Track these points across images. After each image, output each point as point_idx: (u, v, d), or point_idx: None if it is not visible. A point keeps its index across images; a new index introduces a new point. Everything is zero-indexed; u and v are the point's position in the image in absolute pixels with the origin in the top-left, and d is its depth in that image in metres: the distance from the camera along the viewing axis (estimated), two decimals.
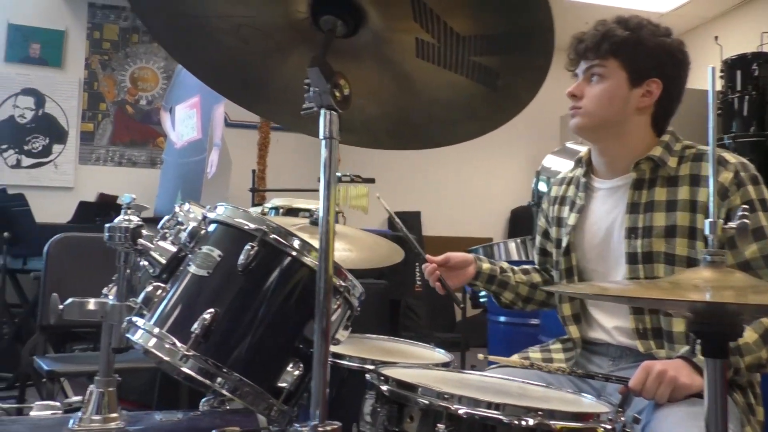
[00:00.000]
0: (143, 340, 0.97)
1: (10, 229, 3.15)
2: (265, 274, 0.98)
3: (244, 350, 0.95)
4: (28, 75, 5.24)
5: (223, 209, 1.07)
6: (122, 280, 1.14)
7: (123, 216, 1.15)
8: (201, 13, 0.76)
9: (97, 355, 2.44)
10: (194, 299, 0.98)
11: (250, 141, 5.46)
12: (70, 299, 1.15)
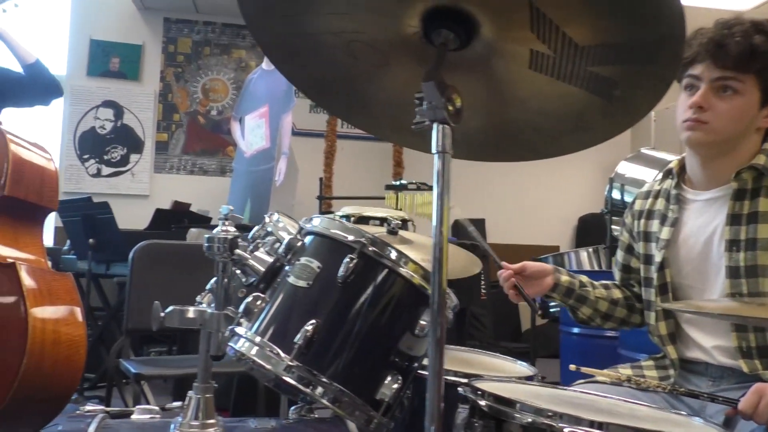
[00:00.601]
0: (245, 348, 1.00)
1: (95, 235, 3.30)
2: (364, 285, 0.98)
3: (345, 362, 0.96)
4: (108, 88, 5.51)
5: (319, 221, 1.09)
6: (220, 289, 1.17)
7: (221, 227, 1.18)
8: (314, 31, 0.78)
9: (178, 359, 2.54)
10: (295, 310, 0.99)
11: (316, 149, 5.55)
12: (171, 307, 1.19)
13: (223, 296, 1.16)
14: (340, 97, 0.93)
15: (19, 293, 1.86)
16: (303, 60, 0.85)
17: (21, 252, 2.03)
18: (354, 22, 0.75)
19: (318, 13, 0.75)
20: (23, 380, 1.80)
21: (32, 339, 1.82)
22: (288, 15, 0.75)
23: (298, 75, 0.90)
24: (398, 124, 0.87)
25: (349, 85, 0.89)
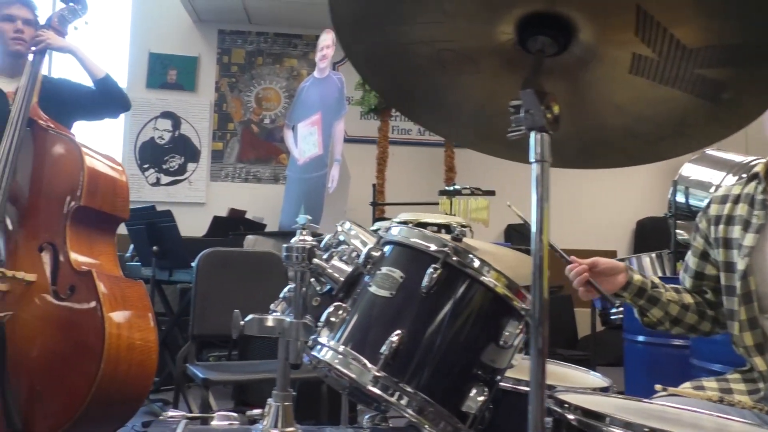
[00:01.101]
0: (329, 357, 1.00)
1: (159, 243, 3.39)
2: (448, 295, 0.97)
3: (430, 373, 0.95)
4: (166, 99, 5.68)
5: (398, 230, 1.08)
6: (298, 298, 1.18)
7: (298, 236, 1.19)
8: (404, 40, 0.77)
9: (242, 365, 2.58)
10: (379, 320, 0.99)
11: (367, 155, 5.57)
12: (251, 316, 1.21)
13: (302, 305, 1.17)
14: (425, 106, 0.92)
15: (96, 300, 1.92)
16: (390, 70, 0.85)
17: (96, 260, 2.11)
18: (446, 31, 0.74)
19: (411, 22, 0.74)
20: (101, 384, 1.86)
21: (109, 344, 1.88)
22: (379, 25, 0.75)
23: (384, 85, 0.90)
24: (483, 132, 0.86)
25: (435, 94, 0.88)
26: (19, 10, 2.34)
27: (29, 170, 2.16)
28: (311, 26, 5.84)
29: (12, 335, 1.95)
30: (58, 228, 2.06)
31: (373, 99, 4.83)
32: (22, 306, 2.00)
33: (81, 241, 2.09)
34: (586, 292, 1.43)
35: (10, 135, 2.13)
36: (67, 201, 2.07)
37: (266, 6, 5.57)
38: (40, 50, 2.29)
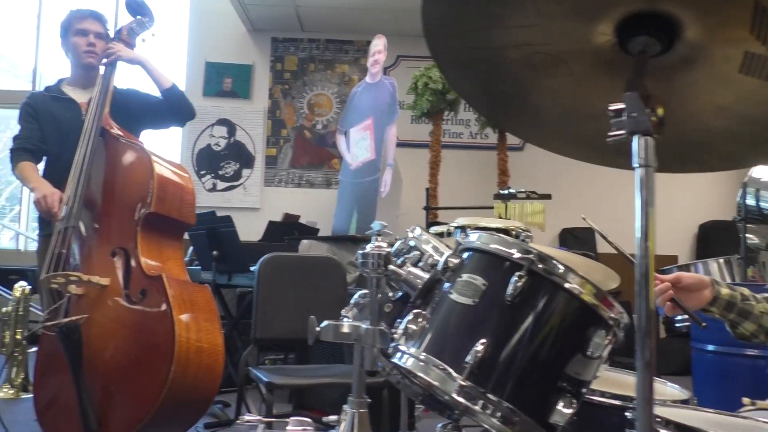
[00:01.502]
0: (410, 365, 0.99)
1: (218, 247, 3.46)
2: (533, 304, 0.95)
3: (516, 384, 0.92)
4: (221, 107, 5.81)
5: (477, 236, 1.06)
6: (374, 304, 1.17)
7: (374, 243, 1.19)
8: (496, 45, 0.76)
9: (304, 369, 2.61)
10: (462, 328, 0.98)
11: (419, 159, 5.56)
12: (326, 322, 1.21)
13: (378, 312, 1.16)
14: (511, 111, 0.90)
15: (166, 304, 1.97)
16: (478, 74, 0.84)
17: (165, 265, 2.16)
18: (541, 34, 0.73)
19: (504, 26, 0.73)
20: (171, 387, 1.90)
21: (179, 347, 1.92)
22: (471, 30, 0.74)
23: (470, 89, 0.88)
24: (571, 136, 0.83)
25: (522, 98, 0.86)
26: (91, 24, 2.43)
27: (101, 178, 2.23)
28: (362, 32, 5.88)
29: (87, 337, 2.02)
30: (130, 233, 2.12)
31: (425, 103, 4.82)
32: (96, 309, 2.06)
33: (151, 247, 2.14)
34: (673, 309, 1.37)
35: (85, 144, 2.21)
36: (138, 207, 2.13)
37: (318, 13, 5.64)
38: (111, 62, 2.37)
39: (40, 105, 2.41)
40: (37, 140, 2.34)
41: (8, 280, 5.28)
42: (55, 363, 2.10)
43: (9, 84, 6.64)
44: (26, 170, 2.26)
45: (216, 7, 5.85)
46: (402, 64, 6.01)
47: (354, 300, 1.42)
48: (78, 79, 2.49)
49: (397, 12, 5.57)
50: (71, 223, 2.14)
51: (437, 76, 4.78)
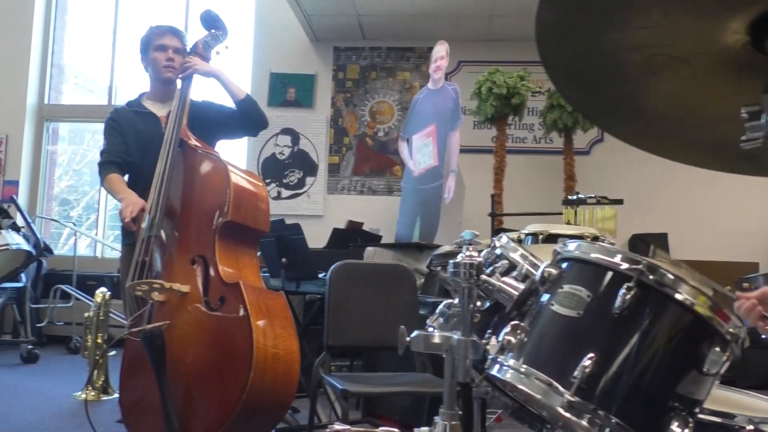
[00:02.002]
0: (510, 377, 0.96)
1: (287, 255, 3.50)
2: (644, 317, 0.90)
3: (628, 401, 0.88)
4: (285, 116, 5.92)
5: (576, 245, 1.02)
6: (466, 315, 1.14)
7: (465, 252, 1.16)
8: (614, 47, 0.73)
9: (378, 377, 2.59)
10: (567, 341, 0.94)
11: (482, 165, 5.49)
12: (416, 332, 1.19)
13: (470, 323, 1.13)
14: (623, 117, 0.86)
15: (244, 311, 2.00)
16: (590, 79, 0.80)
17: (242, 272, 2.20)
18: (665, 35, 0.69)
19: (625, 28, 0.69)
20: (250, 393, 1.93)
21: (257, 353, 1.95)
22: (587, 34, 0.71)
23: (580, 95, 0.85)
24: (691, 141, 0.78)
25: (636, 102, 0.82)
26: (170, 40, 2.51)
27: (180, 188, 2.29)
28: (423, 38, 5.87)
29: (169, 343, 2.08)
30: (208, 242, 2.17)
31: (489, 108, 4.76)
32: (178, 316, 2.12)
33: (228, 254, 2.19)
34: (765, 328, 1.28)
35: (165, 156, 2.28)
36: (216, 216, 2.17)
37: (380, 21, 5.67)
38: (188, 76, 2.44)
39: (123, 119, 2.50)
40: (123, 153, 2.43)
41: (87, 286, 5.53)
42: (139, 366, 2.17)
43: (86, 99, 6.97)
44: (114, 182, 2.35)
45: (280, 19, 5.98)
46: (464, 70, 5.97)
47: (439, 309, 1.39)
48: (157, 93, 2.57)
49: (458, 18, 5.53)
50: (153, 232, 2.21)
51: (501, 81, 4.72)
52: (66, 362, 4.88)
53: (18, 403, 3.49)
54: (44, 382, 4.11)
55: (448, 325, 1.34)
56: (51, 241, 5.85)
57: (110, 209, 6.51)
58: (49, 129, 6.58)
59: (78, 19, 6.85)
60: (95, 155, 6.75)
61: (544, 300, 1.00)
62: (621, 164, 5.69)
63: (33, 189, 6.40)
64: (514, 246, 1.33)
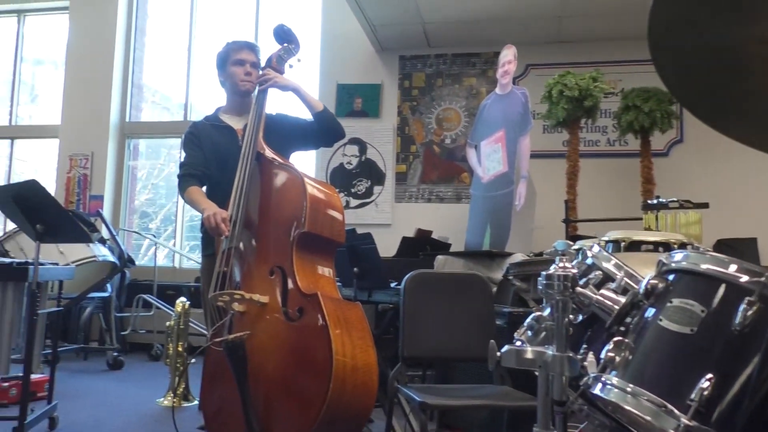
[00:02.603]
0: (616, 397, 0.90)
1: (359, 264, 3.52)
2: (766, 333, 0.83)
3: (749, 427, 0.81)
4: (353, 126, 5.97)
5: (683, 255, 0.96)
6: (561, 329, 1.09)
7: (558, 263, 1.11)
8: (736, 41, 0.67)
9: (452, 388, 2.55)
10: (680, 360, 0.87)
11: (553, 170, 5.35)
12: (507, 347, 1.15)
13: (566, 337, 1.08)
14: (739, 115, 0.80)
15: (322, 322, 2.01)
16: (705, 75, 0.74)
17: (319, 282, 2.21)
18: None
19: (752, 20, 0.64)
20: (330, 404, 1.93)
21: (336, 365, 1.95)
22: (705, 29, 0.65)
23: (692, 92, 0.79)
24: None
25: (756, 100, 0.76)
26: (247, 54, 2.57)
27: (258, 200, 2.34)
28: (489, 43, 5.80)
29: (249, 353, 2.11)
30: (286, 252, 2.19)
31: (560, 111, 4.62)
32: (257, 326, 2.15)
33: (306, 265, 2.20)
34: None
35: (242, 168, 2.33)
36: (293, 227, 2.20)
37: (445, 28, 5.64)
38: (265, 89, 2.49)
39: (201, 132, 2.58)
40: (201, 166, 2.50)
41: (166, 295, 5.76)
42: (221, 375, 2.22)
43: (162, 116, 7.28)
44: (194, 194, 2.42)
45: (346, 30, 6.05)
46: (532, 73, 5.84)
47: (527, 322, 1.34)
48: (234, 106, 2.64)
49: (526, 20, 5.43)
50: (233, 243, 2.26)
51: (573, 83, 4.58)
52: (148, 369, 5.08)
53: (106, 408, 3.65)
54: (129, 388, 4.28)
55: (537, 339, 1.29)
56: (132, 253, 6.13)
57: (187, 220, 6.76)
58: (130, 145, 6.92)
59: (155, 40, 7.18)
60: (172, 169, 7.04)
61: (649, 315, 0.94)
62: (702, 166, 5.41)
63: (116, 203, 6.73)
64: (607, 255, 1.26)
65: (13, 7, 7.24)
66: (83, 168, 6.59)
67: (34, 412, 2.80)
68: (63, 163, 6.69)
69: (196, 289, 5.56)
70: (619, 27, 5.42)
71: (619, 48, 5.63)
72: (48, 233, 2.67)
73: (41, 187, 2.62)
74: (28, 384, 2.70)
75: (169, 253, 6.69)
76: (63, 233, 2.78)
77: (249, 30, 6.68)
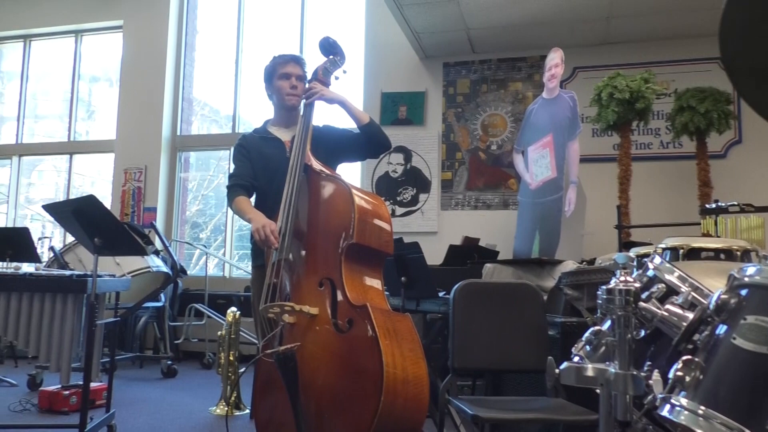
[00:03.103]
0: (686, 420, 0.85)
1: (407, 273, 3.50)
2: None
3: None
4: (397, 134, 5.97)
5: (756, 269, 0.90)
6: (624, 346, 1.05)
7: (619, 276, 1.07)
8: None
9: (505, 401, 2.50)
10: (757, 382, 0.82)
11: (603, 174, 5.22)
12: (566, 363, 1.11)
13: (629, 354, 1.03)
14: None
15: (373, 334, 1.99)
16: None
17: (368, 293, 2.20)
18: None
19: None
20: (381, 417, 1.91)
21: (387, 377, 1.93)
22: None
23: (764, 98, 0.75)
24: None
25: None
26: (293, 68, 2.60)
27: (306, 211, 2.35)
28: (535, 47, 5.71)
29: (300, 364, 2.11)
30: (335, 264, 2.19)
31: (611, 114, 4.51)
32: (307, 337, 2.16)
33: (354, 277, 2.20)
34: None
35: (291, 180, 2.35)
36: (342, 238, 2.20)
37: (490, 33, 5.58)
38: (312, 102, 2.51)
39: (250, 144, 2.61)
40: (250, 177, 2.54)
41: (217, 304, 5.87)
42: (272, 386, 2.23)
43: (211, 128, 7.46)
44: (242, 204, 2.46)
45: (389, 38, 6.07)
46: (579, 76, 5.73)
47: (586, 337, 1.30)
48: (281, 119, 2.67)
49: (572, 23, 5.33)
50: (283, 255, 2.28)
51: (623, 85, 4.46)
52: (200, 377, 5.18)
53: (161, 416, 3.73)
54: (182, 396, 4.37)
55: (596, 355, 1.24)
56: (183, 263, 6.28)
57: (236, 230, 6.88)
58: (181, 158, 7.11)
59: (203, 54, 7.37)
60: (221, 180, 7.20)
61: (721, 332, 0.89)
62: (764, 167, 5.18)
63: (168, 214, 6.92)
64: (670, 267, 1.21)
65: (71, 28, 7.56)
66: (137, 181, 6.81)
67: (93, 420, 2.88)
68: (118, 176, 6.93)
69: (246, 299, 5.66)
70: (671, 25, 5.26)
71: (671, 47, 5.46)
72: (106, 246, 2.76)
73: (99, 202, 2.71)
74: (87, 393, 2.78)
75: (218, 262, 6.82)
76: (120, 246, 2.86)
77: (294, 41, 6.78)
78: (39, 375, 4.43)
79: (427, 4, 5.04)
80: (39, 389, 3.90)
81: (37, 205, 7.88)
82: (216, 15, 7.34)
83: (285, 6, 6.96)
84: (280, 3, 7.01)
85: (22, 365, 5.37)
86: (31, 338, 2.88)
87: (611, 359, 1.13)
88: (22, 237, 4.72)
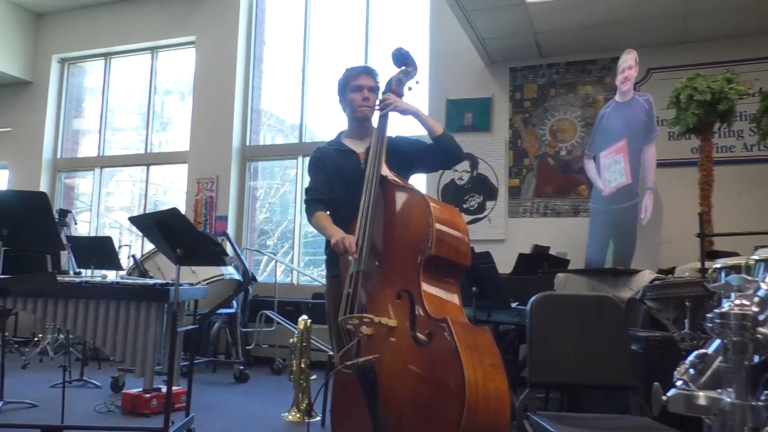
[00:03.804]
0: None
1: (478, 283, 3.45)
2: None
3: None
4: (463, 141, 5.82)
5: None
6: (740, 373, 0.99)
7: (733, 299, 1.01)
8: None
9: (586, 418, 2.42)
10: None
11: (681, 179, 5.00)
12: (674, 391, 1.05)
13: (747, 384, 0.97)
14: None
15: (453, 348, 1.97)
16: None
17: (446, 306, 2.18)
18: None
19: None
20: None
21: (469, 392, 1.90)
22: None
23: None
24: None
25: None
26: (365, 80, 2.61)
27: (382, 223, 2.35)
28: (606, 49, 5.55)
29: (378, 376, 2.11)
30: (413, 276, 2.18)
31: (690, 117, 4.31)
32: (385, 349, 2.15)
33: (433, 289, 2.18)
34: None
35: (367, 192, 2.36)
36: (420, 250, 2.18)
37: (559, 37, 5.46)
38: (385, 113, 2.51)
39: (326, 157, 2.64)
40: (327, 190, 2.56)
41: (285, 311, 5.98)
42: (350, 397, 2.24)
43: (276, 139, 7.62)
44: (322, 219, 2.48)
45: (454, 45, 6.03)
46: (653, 77, 5.52)
47: (689, 360, 1.23)
48: (355, 131, 2.68)
49: (646, 22, 5.14)
50: (360, 267, 2.28)
51: (704, 86, 4.26)
52: (271, 383, 5.28)
53: (235, 421, 3.82)
54: (254, 401, 4.47)
55: (701, 380, 1.18)
56: (252, 270, 6.43)
57: (303, 237, 7.00)
58: (251, 168, 7.30)
59: (271, 66, 7.55)
60: (287, 188, 7.34)
61: None
62: None
63: (238, 222, 7.12)
64: None
65: (147, 45, 7.92)
66: (209, 191, 7.04)
67: (174, 424, 2.98)
68: (191, 186, 7.18)
69: (314, 306, 5.73)
70: (753, 21, 4.99)
71: (753, 44, 5.19)
72: (187, 257, 2.85)
73: (182, 214, 2.81)
74: (170, 397, 2.88)
75: (285, 269, 6.95)
76: (200, 257, 2.96)
77: (359, 50, 6.85)
78: (121, 378, 4.63)
79: (493, 9, 4.99)
80: (121, 392, 4.07)
81: (114, 213, 8.28)
82: (283, 25, 7.51)
83: (350, 15, 7.05)
84: (346, 12, 7.10)
85: (105, 367, 5.63)
86: (117, 344, 3.01)
87: (722, 386, 1.07)
88: (106, 246, 4.96)
